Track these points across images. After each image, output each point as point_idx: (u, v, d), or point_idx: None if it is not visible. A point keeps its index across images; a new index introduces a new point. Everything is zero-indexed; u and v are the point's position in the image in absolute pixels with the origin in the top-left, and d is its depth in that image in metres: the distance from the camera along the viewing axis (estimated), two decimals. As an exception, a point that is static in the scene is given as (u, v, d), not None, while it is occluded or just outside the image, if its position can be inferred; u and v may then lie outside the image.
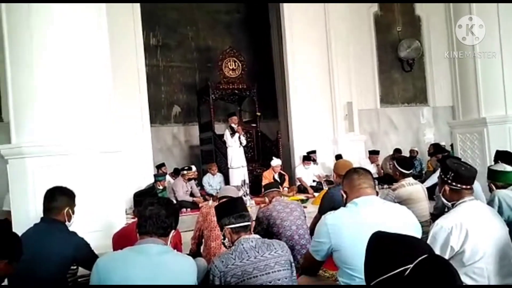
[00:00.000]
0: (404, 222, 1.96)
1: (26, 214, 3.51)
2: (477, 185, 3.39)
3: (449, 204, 2.16)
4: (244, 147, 7.84)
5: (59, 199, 2.53)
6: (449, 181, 2.14)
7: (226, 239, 2.13)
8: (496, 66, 5.89)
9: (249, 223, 2.11)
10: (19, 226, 3.02)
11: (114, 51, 4.78)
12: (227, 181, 7.62)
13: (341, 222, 1.93)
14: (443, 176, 2.19)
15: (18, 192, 3.70)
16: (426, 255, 1.01)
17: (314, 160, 8.18)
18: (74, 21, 3.90)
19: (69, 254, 2.41)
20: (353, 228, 1.88)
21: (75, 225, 2.65)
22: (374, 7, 9.77)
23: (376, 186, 6.98)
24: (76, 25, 3.91)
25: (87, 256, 2.47)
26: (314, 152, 8.26)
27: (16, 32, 3.81)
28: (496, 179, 3.01)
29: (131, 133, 7.06)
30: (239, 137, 7.67)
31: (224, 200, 2.20)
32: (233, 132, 7.68)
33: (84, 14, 3.99)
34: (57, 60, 3.80)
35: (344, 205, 2.06)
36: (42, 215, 2.56)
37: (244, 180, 7.56)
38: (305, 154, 7.99)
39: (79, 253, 2.45)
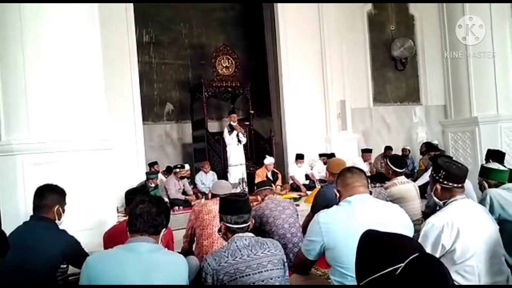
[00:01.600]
0: (396, 220, 1.97)
1: (15, 212, 3.47)
2: (468, 184, 3.41)
3: (441, 202, 2.17)
4: (241, 143, 7.80)
5: (49, 197, 2.50)
6: (441, 180, 2.15)
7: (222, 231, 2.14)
8: (488, 66, 5.94)
9: (247, 224, 2.09)
10: (9, 225, 2.99)
11: (107, 48, 4.75)
12: (224, 179, 7.59)
13: (334, 220, 1.93)
14: (434, 175, 2.20)
15: (7, 190, 3.66)
16: (417, 254, 1.01)
17: (326, 163, 8.15)
18: (65, 18, 3.85)
19: (59, 252, 2.38)
20: (346, 226, 1.88)
21: (66, 223, 2.63)
22: (368, 5, 9.77)
23: (369, 185, 6.99)
24: (68, 21, 3.87)
25: (77, 254, 2.44)
26: (327, 155, 8.23)
27: (6, 29, 3.76)
28: (489, 177, 3.03)
29: (123, 130, 7.02)
30: (237, 135, 7.65)
31: (232, 197, 2.16)
32: (231, 130, 7.67)
33: (76, 10, 3.95)
34: (48, 57, 3.76)
35: (337, 204, 2.07)
36: (32, 213, 2.53)
37: (243, 178, 7.55)
38: (298, 153, 8.00)
39: (69, 251, 2.43)
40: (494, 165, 3.14)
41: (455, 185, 2.12)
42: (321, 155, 8.31)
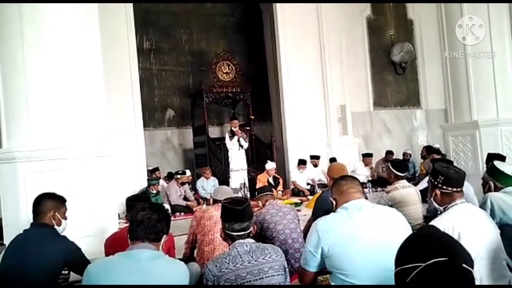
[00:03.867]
0: (394, 225, 1.96)
1: (17, 220, 3.47)
2: (469, 188, 3.40)
3: (441, 208, 2.17)
4: (243, 148, 7.81)
5: (43, 203, 2.52)
6: (440, 185, 2.15)
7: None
8: (487, 69, 5.95)
9: (246, 232, 2.09)
10: (10, 233, 3.00)
11: (107, 54, 4.77)
12: (225, 185, 7.59)
13: (332, 226, 1.93)
14: (433, 180, 2.20)
15: (9, 198, 3.67)
16: (442, 259, 1.00)
17: (316, 166, 8.17)
18: (66, 25, 3.88)
19: (59, 259, 2.39)
20: (344, 232, 1.88)
21: (67, 230, 2.63)
22: (367, 11, 9.83)
23: (370, 189, 6.92)
24: (68, 29, 3.90)
25: (78, 261, 2.45)
26: (317, 157, 8.23)
27: (7, 37, 3.79)
28: (499, 180, 2.85)
29: (124, 137, 7.02)
30: (238, 140, 7.66)
31: (231, 205, 2.14)
32: (232, 135, 7.68)
33: (76, 17, 3.97)
34: (49, 64, 3.78)
35: (334, 212, 2.07)
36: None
37: (244, 183, 7.56)
38: (301, 158, 7.99)
39: (70, 258, 2.44)
40: (507, 169, 2.90)
41: (455, 189, 2.12)
42: (312, 157, 8.19)
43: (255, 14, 10.27)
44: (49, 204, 2.53)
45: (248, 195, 7.40)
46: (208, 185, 7.67)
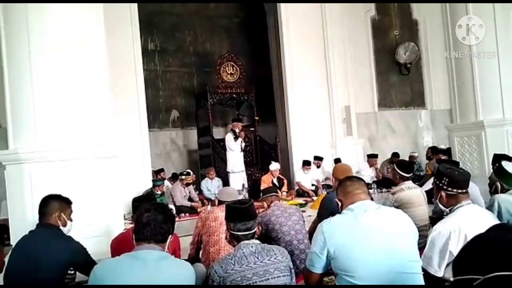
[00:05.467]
0: (400, 226, 1.95)
1: (23, 221, 3.49)
2: (474, 189, 3.38)
3: (447, 209, 2.16)
4: (243, 151, 7.87)
5: (50, 204, 2.56)
6: (445, 187, 2.14)
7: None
8: (493, 69, 5.89)
9: (251, 231, 2.09)
10: (17, 233, 3.01)
11: (112, 56, 4.80)
12: (226, 186, 7.61)
13: (338, 228, 1.92)
14: (438, 182, 2.19)
15: (15, 199, 3.68)
16: (509, 273, 0.88)
17: (319, 167, 8.16)
18: (72, 27, 3.90)
19: (65, 259, 2.40)
20: (350, 234, 1.87)
21: (73, 231, 2.64)
22: (371, 11, 9.80)
23: (375, 190, 6.87)
24: (74, 30, 3.92)
25: (84, 261, 2.47)
26: (321, 159, 8.20)
27: (14, 39, 3.81)
28: (505, 180, 2.85)
29: (129, 138, 7.05)
30: (241, 142, 7.69)
31: (234, 204, 2.17)
32: (236, 137, 7.69)
33: (82, 19, 3.99)
34: (55, 65, 3.80)
35: (340, 213, 2.06)
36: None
37: (244, 184, 7.58)
38: (305, 159, 7.98)
39: (75, 258, 2.45)
40: None
41: (460, 191, 2.11)
42: (315, 158, 8.15)
43: (259, 15, 10.28)
44: (55, 205, 2.55)
45: (247, 196, 7.40)
46: (212, 185, 7.68)
